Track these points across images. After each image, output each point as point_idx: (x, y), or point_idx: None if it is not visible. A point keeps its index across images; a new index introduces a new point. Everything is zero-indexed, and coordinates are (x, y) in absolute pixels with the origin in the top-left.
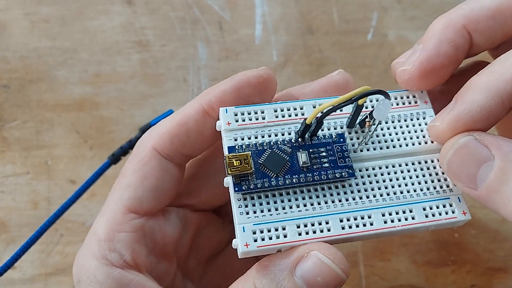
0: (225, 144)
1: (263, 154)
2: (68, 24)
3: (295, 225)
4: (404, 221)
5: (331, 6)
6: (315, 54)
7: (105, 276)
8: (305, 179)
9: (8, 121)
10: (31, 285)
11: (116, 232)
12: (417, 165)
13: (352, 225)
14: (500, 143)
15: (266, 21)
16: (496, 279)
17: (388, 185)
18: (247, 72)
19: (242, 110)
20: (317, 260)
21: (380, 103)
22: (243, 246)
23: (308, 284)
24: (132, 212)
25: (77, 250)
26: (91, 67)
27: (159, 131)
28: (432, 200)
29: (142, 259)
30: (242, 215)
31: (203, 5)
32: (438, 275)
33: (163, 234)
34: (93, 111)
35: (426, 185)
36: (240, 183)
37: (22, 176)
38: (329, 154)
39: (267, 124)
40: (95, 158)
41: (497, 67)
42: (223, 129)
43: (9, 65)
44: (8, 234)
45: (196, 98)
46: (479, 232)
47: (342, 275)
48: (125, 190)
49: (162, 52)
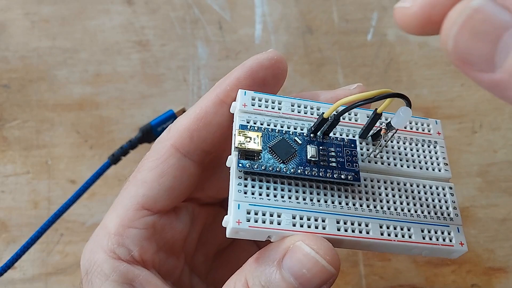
0: (237, 123)
1: (273, 139)
2: (68, 24)
3: (291, 215)
4: (401, 237)
5: (331, 6)
6: (315, 53)
7: (112, 269)
8: (310, 173)
9: (8, 121)
10: (32, 284)
11: (127, 228)
12: (422, 188)
13: (348, 229)
14: None
15: (266, 21)
16: (496, 279)
17: (391, 199)
18: (257, 56)
19: (260, 96)
20: (302, 251)
21: (401, 110)
22: (235, 222)
23: (295, 277)
24: (145, 209)
25: (78, 250)
26: (91, 67)
27: (177, 128)
28: (431, 224)
29: (150, 256)
30: (240, 192)
31: (203, 5)
32: (438, 274)
33: (173, 231)
34: (93, 111)
35: (427, 209)
36: (245, 160)
37: (23, 176)
38: (338, 155)
39: (282, 115)
40: (95, 157)
41: None
42: (238, 109)
43: (9, 65)
44: (8, 234)
45: (210, 91)
46: (479, 231)
47: (328, 267)
48: (140, 186)
49: (162, 52)
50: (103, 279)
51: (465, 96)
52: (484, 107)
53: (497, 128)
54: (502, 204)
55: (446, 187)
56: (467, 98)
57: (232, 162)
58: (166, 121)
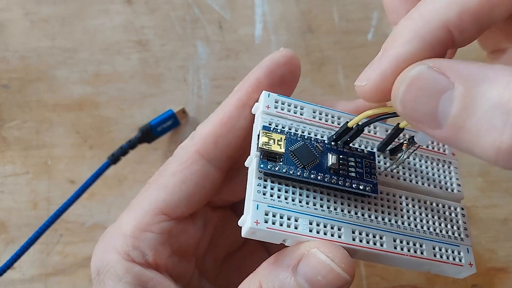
0: (259, 124)
1: (295, 143)
2: (68, 23)
3: (308, 220)
4: (413, 252)
5: (331, 6)
6: (316, 53)
7: (125, 271)
8: (329, 180)
9: (7, 121)
10: (31, 285)
11: (143, 231)
12: (435, 206)
13: (363, 239)
14: (458, 66)
15: (267, 21)
16: (497, 279)
17: (405, 214)
18: (272, 56)
19: (284, 100)
20: (317, 258)
21: None
22: (253, 222)
23: (310, 283)
24: (163, 214)
25: (77, 250)
26: (91, 67)
27: (201, 134)
28: (443, 242)
29: (163, 260)
30: (259, 193)
31: (203, 4)
32: (439, 275)
33: (187, 236)
34: (93, 111)
35: (440, 227)
36: (267, 161)
37: (22, 176)
38: (357, 165)
39: (304, 120)
40: (95, 158)
41: (426, 7)
42: (260, 110)
43: (9, 65)
44: (7, 234)
45: (231, 95)
46: (481, 232)
47: (343, 274)
48: (161, 190)
49: (162, 52)
50: (116, 280)
51: None
52: None
53: None
54: (503, 205)
55: (458, 208)
56: None
57: (253, 162)
58: (165, 121)
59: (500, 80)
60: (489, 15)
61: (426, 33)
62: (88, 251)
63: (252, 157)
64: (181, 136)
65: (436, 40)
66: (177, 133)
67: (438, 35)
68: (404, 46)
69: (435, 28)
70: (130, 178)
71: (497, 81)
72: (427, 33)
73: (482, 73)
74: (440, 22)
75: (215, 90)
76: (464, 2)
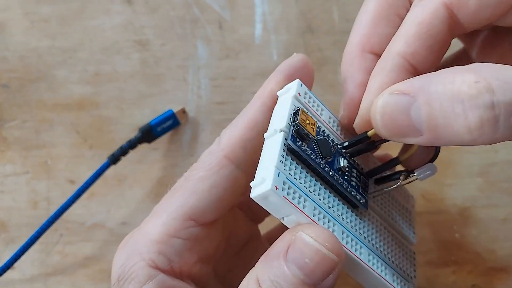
0: (292, 103)
1: (319, 135)
2: (68, 23)
3: (313, 206)
4: (380, 272)
5: (331, 5)
6: (316, 53)
7: (148, 278)
8: (337, 179)
9: (7, 121)
10: (31, 285)
11: (171, 237)
12: (398, 243)
13: (348, 242)
14: (412, 82)
15: (266, 20)
16: (497, 280)
17: (379, 238)
18: (287, 61)
19: (311, 95)
20: (302, 240)
21: (429, 166)
22: (273, 186)
23: (299, 268)
24: (191, 220)
25: (77, 250)
26: (91, 67)
27: (228, 139)
28: (400, 274)
29: (188, 267)
30: (282, 163)
31: (203, 4)
32: (439, 275)
33: (211, 241)
34: (93, 110)
35: (399, 261)
36: (297, 138)
37: (22, 176)
38: (357, 178)
39: (323, 121)
40: (95, 157)
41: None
42: (292, 94)
43: (8, 65)
44: (7, 234)
45: (254, 100)
46: (480, 232)
47: (329, 254)
48: (189, 196)
49: (162, 52)
50: (138, 286)
51: None
52: None
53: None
54: (502, 204)
55: (412, 250)
56: None
57: (279, 135)
58: (165, 121)
59: (445, 80)
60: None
61: (390, 66)
62: (88, 251)
63: (277, 130)
64: (181, 136)
65: (399, 69)
66: (177, 133)
67: (398, 64)
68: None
69: (393, 59)
70: (130, 178)
71: (444, 81)
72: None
73: (431, 80)
74: (394, 52)
75: (215, 90)
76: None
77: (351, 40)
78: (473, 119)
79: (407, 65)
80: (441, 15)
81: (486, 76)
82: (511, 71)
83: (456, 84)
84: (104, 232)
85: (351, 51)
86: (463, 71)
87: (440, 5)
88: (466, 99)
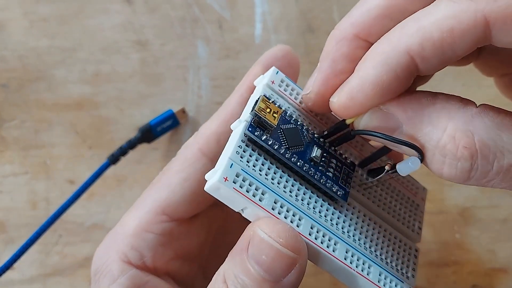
0: (260, 91)
1: (287, 124)
2: (67, 23)
3: (274, 198)
4: (360, 270)
5: (331, 5)
6: (316, 53)
7: (120, 272)
8: (307, 170)
9: (6, 121)
10: (30, 285)
11: (144, 231)
12: (393, 238)
13: (318, 238)
14: (405, 106)
15: (266, 20)
16: (497, 280)
17: (364, 233)
18: (268, 51)
19: (289, 82)
20: (258, 236)
21: (411, 159)
22: (222, 177)
23: (258, 264)
24: (165, 214)
25: (77, 251)
26: (90, 67)
27: (204, 133)
28: (389, 273)
29: (163, 263)
30: (237, 154)
31: (202, 4)
32: (439, 275)
33: (191, 239)
34: (92, 110)
35: (391, 258)
36: (256, 128)
37: (21, 176)
38: (336, 169)
39: (301, 109)
40: (94, 158)
41: (394, 33)
42: (265, 82)
43: (7, 65)
44: (6, 235)
45: (233, 93)
46: (481, 232)
47: (284, 250)
48: (163, 189)
49: (162, 51)
50: (111, 280)
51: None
52: None
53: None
54: (503, 205)
55: (413, 248)
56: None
57: (241, 125)
58: (165, 121)
59: (439, 125)
60: (451, 47)
61: (389, 57)
62: (87, 251)
63: (242, 120)
64: (181, 136)
65: (399, 64)
66: (176, 133)
67: (400, 60)
68: (371, 68)
69: (398, 53)
70: (129, 178)
71: (437, 125)
72: (391, 57)
73: (424, 114)
74: (403, 48)
75: (215, 90)
76: (426, 32)
77: (349, 19)
78: (447, 171)
79: (412, 65)
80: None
81: (481, 136)
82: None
83: (444, 139)
84: (103, 233)
85: (344, 29)
86: (458, 120)
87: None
88: (448, 156)
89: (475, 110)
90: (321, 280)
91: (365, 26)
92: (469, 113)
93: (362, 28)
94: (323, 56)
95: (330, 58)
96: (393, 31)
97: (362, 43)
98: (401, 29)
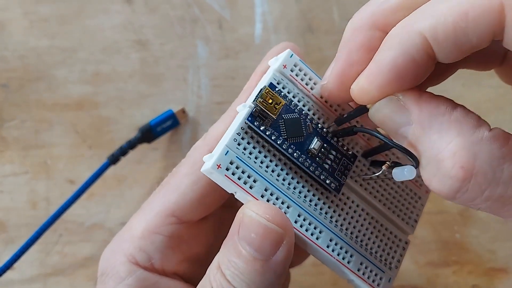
0: (268, 79)
1: (290, 113)
2: (67, 23)
3: (264, 186)
4: (341, 258)
5: (331, 5)
6: (316, 53)
7: (127, 273)
8: (303, 161)
9: (7, 121)
10: (30, 285)
11: (152, 233)
12: (383, 229)
13: (303, 225)
14: (421, 105)
15: (266, 20)
16: (497, 280)
17: (353, 223)
18: (273, 48)
19: (303, 67)
20: (247, 217)
21: (406, 168)
22: (215, 164)
23: (248, 244)
24: (174, 216)
25: (77, 250)
26: (90, 67)
27: (213, 135)
28: (371, 262)
29: (171, 265)
30: (235, 142)
31: (202, 4)
32: (440, 275)
33: (199, 242)
34: (92, 110)
35: (376, 248)
36: (256, 118)
37: (21, 176)
38: (335, 160)
39: (311, 96)
40: (94, 158)
41: (410, 17)
42: (276, 67)
43: (8, 65)
44: (6, 234)
45: (241, 94)
46: (481, 232)
47: (272, 226)
48: (172, 192)
49: (162, 51)
50: (117, 281)
51: (466, 96)
52: (485, 107)
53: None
54: None
55: (403, 240)
56: (468, 98)
57: (243, 111)
58: (165, 121)
59: (446, 137)
60: (464, 31)
61: (404, 39)
62: (87, 251)
63: (246, 106)
64: (181, 136)
65: (414, 46)
66: (176, 133)
67: (414, 42)
68: (388, 51)
69: (412, 34)
70: (129, 178)
71: (443, 136)
72: (405, 39)
73: (437, 121)
74: (417, 29)
75: (215, 90)
76: (440, 15)
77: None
78: (436, 185)
79: (428, 48)
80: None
81: (482, 162)
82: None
83: (444, 152)
84: (103, 233)
85: (363, 17)
86: (466, 138)
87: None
88: (442, 170)
89: (487, 134)
90: (322, 280)
91: (384, 15)
92: (479, 135)
93: (381, 17)
94: (341, 46)
95: (347, 48)
96: (409, 16)
97: (379, 33)
98: (416, 13)
